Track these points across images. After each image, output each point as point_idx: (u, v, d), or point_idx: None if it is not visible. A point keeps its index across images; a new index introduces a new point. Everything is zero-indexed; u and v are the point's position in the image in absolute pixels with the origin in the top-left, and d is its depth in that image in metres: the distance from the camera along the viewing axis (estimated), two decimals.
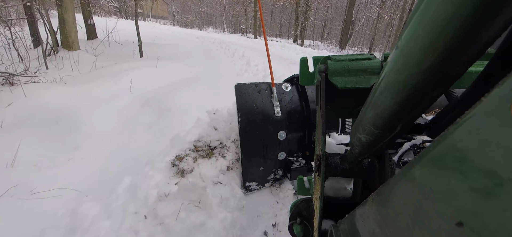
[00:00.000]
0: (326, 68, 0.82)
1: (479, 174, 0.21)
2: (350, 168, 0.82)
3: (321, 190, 0.73)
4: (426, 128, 0.61)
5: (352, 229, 0.59)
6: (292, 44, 14.71)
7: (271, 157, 1.71)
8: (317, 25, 31.41)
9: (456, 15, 0.26)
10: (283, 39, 26.19)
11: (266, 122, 1.59)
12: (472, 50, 0.29)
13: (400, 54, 0.38)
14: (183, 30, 19.92)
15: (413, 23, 0.33)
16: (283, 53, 9.29)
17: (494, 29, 0.26)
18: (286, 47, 11.83)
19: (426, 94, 0.38)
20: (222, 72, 5.41)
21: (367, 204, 0.50)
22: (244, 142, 1.60)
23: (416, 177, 0.31)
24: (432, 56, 0.31)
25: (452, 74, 0.34)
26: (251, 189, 1.76)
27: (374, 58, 0.82)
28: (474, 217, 0.21)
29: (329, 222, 0.88)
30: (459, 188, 0.23)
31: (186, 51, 8.32)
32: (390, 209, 0.38)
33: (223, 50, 9.04)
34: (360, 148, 0.64)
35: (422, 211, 0.29)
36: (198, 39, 13.14)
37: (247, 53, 7.78)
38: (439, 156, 0.27)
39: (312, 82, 1.01)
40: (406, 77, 0.37)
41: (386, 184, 0.41)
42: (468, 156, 0.22)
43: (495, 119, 0.20)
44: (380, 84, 0.46)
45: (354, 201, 0.96)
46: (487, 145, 0.20)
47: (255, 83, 1.68)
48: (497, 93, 0.20)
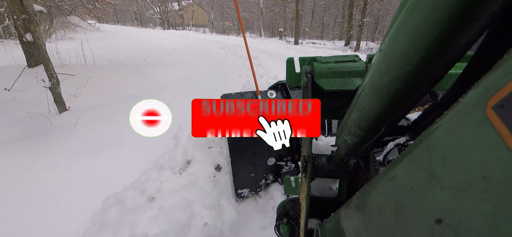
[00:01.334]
0: (312, 70, 0.83)
1: (457, 172, 0.22)
2: (336, 169, 0.84)
3: (307, 190, 0.74)
4: (408, 129, 0.64)
5: (338, 227, 0.60)
6: (344, 49, 12.20)
7: (261, 163, 1.73)
8: (366, 23, 21.08)
9: (435, 20, 0.27)
10: (327, 41, 23.70)
11: None
12: (451, 53, 0.30)
13: (383, 57, 0.39)
14: (216, 38, 17.36)
15: (396, 27, 0.34)
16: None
17: (471, 34, 0.27)
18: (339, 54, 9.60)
19: (409, 96, 0.39)
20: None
21: (351, 203, 0.51)
22: (233, 150, 1.61)
23: (397, 176, 0.32)
24: (414, 59, 0.32)
25: (433, 77, 0.35)
26: (244, 196, 1.77)
27: (359, 60, 0.84)
28: (452, 214, 0.22)
29: (315, 221, 0.89)
30: (437, 186, 0.24)
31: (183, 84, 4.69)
32: (373, 207, 0.39)
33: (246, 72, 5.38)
34: (346, 149, 0.65)
35: (403, 209, 0.30)
36: (224, 50, 9.98)
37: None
38: (419, 155, 0.27)
39: (298, 83, 1.02)
40: (389, 80, 0.38)
41: (369, 183, 0.42)
42: (446, 155, 0.23)
43: (471, 119, 0.20)
44: (365, 86, 0.47)
45: (340, 200, 0.98)
46: (463, 144, 0.21)
47: (241, 92, 1.72)
48: (473, 95, 0.21)
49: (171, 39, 14.44)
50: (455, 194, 0.22)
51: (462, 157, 0.21)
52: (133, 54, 7.53)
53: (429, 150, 0.26)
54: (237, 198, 1.76)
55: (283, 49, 11.98)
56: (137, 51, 8.25)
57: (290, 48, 12.64)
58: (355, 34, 15.89)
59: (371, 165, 0.78)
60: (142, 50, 8.69)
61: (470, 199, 0.20)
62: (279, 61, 6.84)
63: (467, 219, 0.21)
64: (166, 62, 6.24)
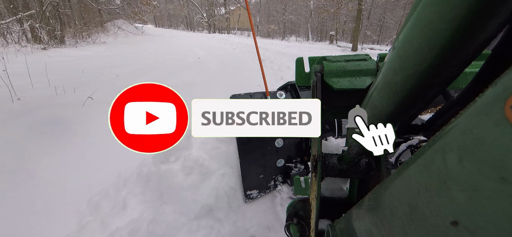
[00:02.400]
0: (321, 69, 0.82)
1: (473, 173, 0.21)
2: (347, 168, 0.83)
3: (317, 190, 0.73)
4: (423, 128, 0.62)
5: (349, 228, 0.59)
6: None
7: (270, 164, 1.73)
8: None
9: (452, 17, 0.26)
10: (388, 46, 19.64)
11: None
12: (468, 51, 0.29)
13: (396, 55, 0.38)
14: (259, 43, 14.28)
15: (410, 24, 0.34)
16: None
17: (489, 31, 0.26)
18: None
19: (423, 94, 0.38)
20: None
21: (363, 203, 0.50)
22: (242, 151, 1.62)
23: (411, 177, 0.31)
24: (429, 57, 0.31)
25: (448, 75, 0.34)
26: (253, 197, 1.78)
27: (369, 58, 0.83)
28: (469, 216, 0.22)
29: (326, 222, 0.88)
30: (453, 188, 0.23)
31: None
32: (386, 208, 0.38)
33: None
34: (357, 148, 0.64)
35: (417, 210, 0.29)
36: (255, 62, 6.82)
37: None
38: (434, 155, 0.27)
39: (308, 82, 1.01)
40: (403, 78, 0.37)
41: (382, 183, 0.41)
42: (462, 156, 0.23)
43: (489, 119, 0.20)
44: (377, 85, 0.46)
45: (351, 201, 0.97)
46: (481, 144, 0.21)
47: (250, 93, 1.71)
48: (490, 93, 0.20)
49: (207, 45, 12.92)
50: (472, 195, 0.21)
51: (479, 157, 0.21)
52: (131, 70, 5.50)
53: (444, 150, 0.25)
54: (246, 199, 1.77)
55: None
56: (144, 64, 6.24)
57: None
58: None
59: (383, 165, 0.76)
60: (155, 61, 6.82)
61: (488, 201, 0.20)
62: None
63: (484, 222, 0.20)
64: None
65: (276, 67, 5.98)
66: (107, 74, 4.98)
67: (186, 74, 5.41)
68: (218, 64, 6.80)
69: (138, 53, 8.51)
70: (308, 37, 26.83)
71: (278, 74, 5.41)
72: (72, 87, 3.65)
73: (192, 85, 4.48)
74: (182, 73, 5.58)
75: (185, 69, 6.03)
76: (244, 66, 6.51)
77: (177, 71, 5.81)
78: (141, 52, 8.96)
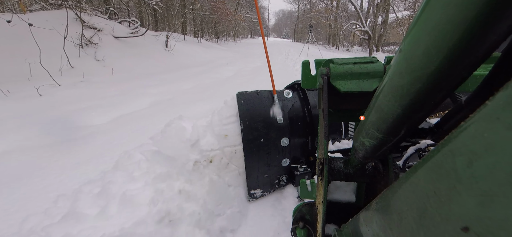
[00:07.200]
0: (328, 72, 0.82)
1: (484, 178, 0.21)
2: (354, 172, 0.82)
3: (324, 194, 0.73)
4: (430, 132, 0.61)
5: (356, 233, 0.58)
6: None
7: (275, 163, 1.71)
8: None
9: (460, 19, 0.26)
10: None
11: (268, 129, 1.60)
12: (476, 53, 0.29)
13: (403, 57, 0.38)
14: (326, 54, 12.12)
15: (417, 27, 0.33)
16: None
17: (499, 33, 0.26)
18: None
19: (430, 98, 0.37)
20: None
21: (371, 208, 0.49)
22: (247, 149, 1.60)
23: (420, 181, 0.31)
24: (436, 60, 0.31)
25: (457, 78, 0.34)
26: (256, 196, 1.76)
27: (376, 61, 0.82)
28: (480, 222, 0.21)
29: (332, 227, 0.87)
30: (464, 193, 0.23)
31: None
32: (394, 213, 0.38)
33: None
34: (364, 152, 0.64)
35: (426, 215, 0.29)
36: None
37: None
38: (443, 159, 0.26)
39: (314, 85, 1.01)
40: (410, 81, 0.37)
41: (390, 188, 0.41)
42: (473, 160, 0.22)
43: (500, 123, 0.19)
44: (384, 88, 0.46)
45: (358, 205, 0.95)
46: (492, 149, 0.20)
47: (257, 91, 1.69)
48: (502, 97, 0.20)
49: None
50: (483, 201, 0.21)
51: (490, 162, 0.20)
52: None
53: (453, 154, 0.25)
54: (250, 198, 1.75)
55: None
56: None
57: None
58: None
59: (390, 168, 0.75)
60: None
61: (500, 207, 0.19)
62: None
63: (497, 228, 0.20)
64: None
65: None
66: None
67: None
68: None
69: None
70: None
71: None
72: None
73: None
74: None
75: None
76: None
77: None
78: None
